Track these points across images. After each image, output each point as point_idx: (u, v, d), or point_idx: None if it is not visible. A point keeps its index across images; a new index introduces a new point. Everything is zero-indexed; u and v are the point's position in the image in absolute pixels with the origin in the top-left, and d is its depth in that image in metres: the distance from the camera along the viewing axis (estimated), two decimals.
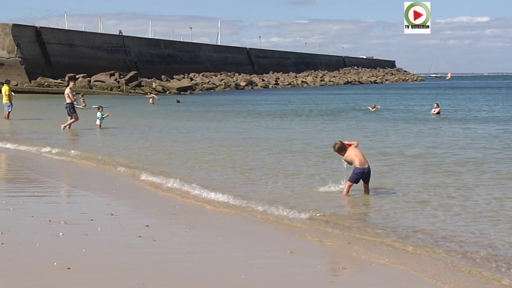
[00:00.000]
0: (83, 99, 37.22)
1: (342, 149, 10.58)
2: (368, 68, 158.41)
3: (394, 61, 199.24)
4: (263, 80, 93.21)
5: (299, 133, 22.39)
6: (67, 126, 22.06)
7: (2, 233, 7.24)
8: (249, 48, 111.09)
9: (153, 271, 6.08)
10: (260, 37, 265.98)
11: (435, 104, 34.33)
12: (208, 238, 7.65)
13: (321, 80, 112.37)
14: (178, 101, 45.99)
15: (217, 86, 78.72)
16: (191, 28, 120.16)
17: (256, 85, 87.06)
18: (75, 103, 22.39)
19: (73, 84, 23.63)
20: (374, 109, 36.86)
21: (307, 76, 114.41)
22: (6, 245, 6.74)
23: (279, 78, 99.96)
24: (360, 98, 57.81)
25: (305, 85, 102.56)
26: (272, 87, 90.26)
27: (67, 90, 22.38)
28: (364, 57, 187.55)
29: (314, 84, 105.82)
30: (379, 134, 21.73)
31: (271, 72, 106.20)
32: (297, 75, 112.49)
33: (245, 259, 6.70)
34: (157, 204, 9.97)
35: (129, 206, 9.63)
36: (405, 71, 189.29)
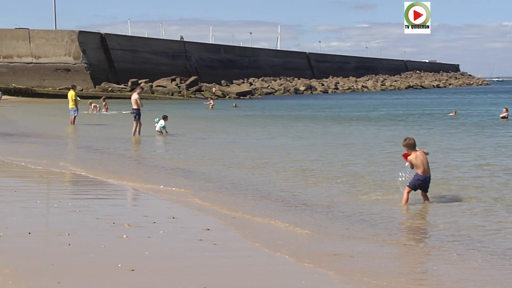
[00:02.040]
0: (105, 103, 37.53)
1: (412, 146, 10.29)
2: (430, 72, 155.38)
3: (458, 65, 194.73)
4: (323, 84, 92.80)
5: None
6: (138, 132, 22.33)
7: (68, 234, 7.44)
8: (309, 53, 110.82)
9: (214, 275, 6.13)
10: (320, 41, 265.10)
11: (504, 109, 33.57)
12: (269, 243, 7.64)
13: (382, 85, 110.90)
14: (234, 106, 46.36)
15: (276, 90, 78.86)
16: (251, 33, 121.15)
17: (316, 89, 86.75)
18: (141, 108, 22.65)
19: (141, 91, 24.02)
20: (454, 114, 36.57)
21: (368, 80, 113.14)
22: (73, 246, 6.93)
23: (339, 83, 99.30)
24: (436, 102, 56.16)
25: (365, 89, 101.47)
26: (332, 91, 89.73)
27: (135, 96, 22.70)
28: (427, 61, 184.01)
29: (374, 89, 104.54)
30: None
31: (330, 76, 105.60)
32: (357, 79, 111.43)
33: (307, 267, 6.65)
34: (214, 208, 10.02)
35: (190, 209, 9.73)
36: (469, 75, 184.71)
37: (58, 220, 8.55)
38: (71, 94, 27.34)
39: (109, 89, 58.69)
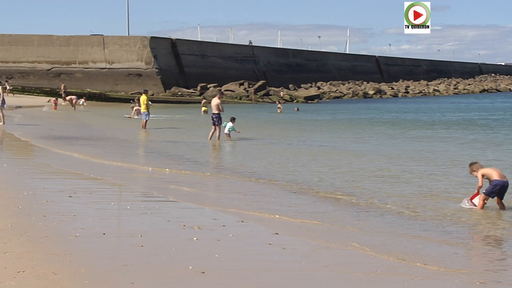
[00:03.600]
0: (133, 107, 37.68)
1: (478, 166, 10.13)
2: (506, 75, 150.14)
3: None
4: (392, 88, 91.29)
5: None
6: (216, 137, 22.58)
7: (141, 236, 7.61)
8: (378, 56, 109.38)
9: (283, 279, 6.13)
10: (390, 44, 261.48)
11: None
12: (340, 247, 7.57)
13: (455, 88, 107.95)
14: (296, 110, 46.29)
15: (345, 94, 78.22)
16: (319, 37, 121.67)
17: (385, 93, 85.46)
18: (222, 113, 22.88)
19: (221, 95, 24.31)
20: None
21: (439, 84, 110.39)
22: (145, 248, 7.08)
23: (409, 86, 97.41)
24: None
25: (437, 93, 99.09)
26: (402, 95, 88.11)
27: (217, 101, 22.96)
28: (503, 63, 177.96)
29: (447, 93, 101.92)
30: None
31: (400, 80, 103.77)
32: (429, 83, 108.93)
33: (377, 274, 6.55)
34: (284, 211, 10.00)
35: (259, 213, 9.76)
36: None
37: (130, 221, 8.76)
38: (143, 98, 27.95)
39: (179, 93, 59.75)
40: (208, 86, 61.88)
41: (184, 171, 14.40)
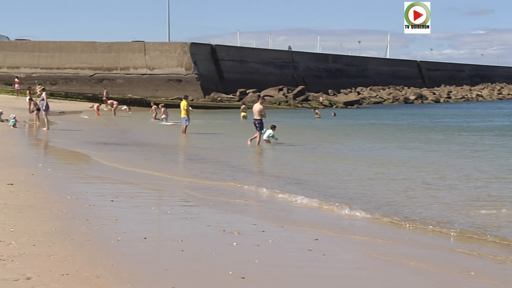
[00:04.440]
0: (164, 110, 37.68)
1: None
2: None
3: None
4: (434, 93, 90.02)
5: None
6: (257, 142, 22.66)
7: (181, 241, 7.67)
8: (420, 61, 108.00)
9: (323, 286, 6.09)
10: (431, 49, 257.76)
11: None
12: (380, 255, 7.49)
13: (499, 93, 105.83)
14: (333, 115, 46.04)
15: (385, 100, 77.47)
16: (359, 42, 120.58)
17: (427, 98, 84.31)
18: (264, 118, 22.95)
19: (263, 101, 24.38)
20: None
21: (483, 89, 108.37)
22: (186, 252, 7.14)
23: (451, 92, 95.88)
24: None
25: (480, 98, 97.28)
26: (444, 100, 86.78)
27: (260, 107, 23.04)
28: None
29: (490, 98, 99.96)
30: None
31: (442, 85, 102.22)
32: (472, 88, 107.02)
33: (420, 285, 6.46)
34: (324, 218, 9.97)
35: (298, 218, 9.75)
36: None
37: (171, 226, 8.84)
38: (183, 104, 28.20)
39: (218, 99, 60.10)
40: (247, 91, 62.05)
41: (226, 182, 14.46)
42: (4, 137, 21.91)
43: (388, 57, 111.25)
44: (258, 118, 22.67)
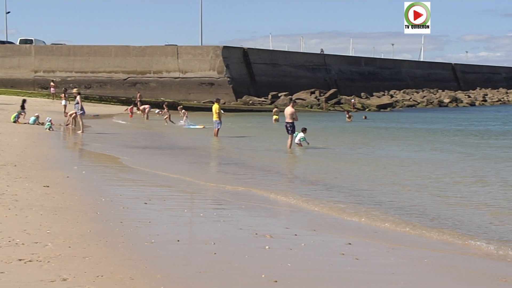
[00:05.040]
0: (184, 112, 37.50)
1: None
2: None
3: None
4: (469, 96, 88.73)
5: None
6: (288, 145, 22.67)
7: (214, 243, 7.69)
8: (455, 64, 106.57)
9: None
10: (467, 51, 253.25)
11: None
12: (414, 260, 7.41)
13: None
14: (364, 118, 45.69)
15: (419, 103, 76.63)
16: (393, 44, 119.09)
17: (461, 101, 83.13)
18: (296, 121, 22.96)
19: (294, 104, 24.40)
20: None
21: None
22: (219, 255, 7.15)
23: (487, 95, 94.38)
24: None
25: None
26: (479, 104, 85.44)
27: (291, 110, 23.17)
28: None
29: None
30: None
31: (478, 88, 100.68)
32: (508, 91, 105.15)
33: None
34: (357, 223, 9.89)
35: (331, 222, 9.69)
36: None
37: (203, 229, 8.87)
38: (215, 107, 28.31)
39: (250, 102, 60.20)
40: (279, 94, 62.01)
41: (258, 186, 14.46)
42: (40, 140, 22.29)
43: (422, 59, 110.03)
44: (290, 121, 22.75)
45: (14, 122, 28.93)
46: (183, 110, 38.48)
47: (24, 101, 32.07)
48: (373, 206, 11.12)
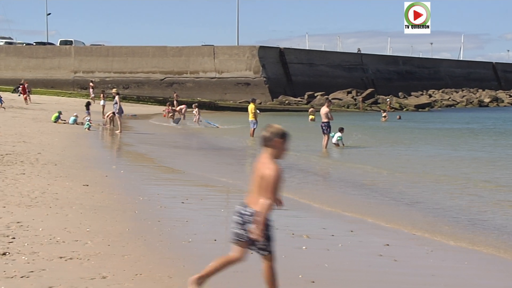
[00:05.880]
0: (197, 111, 37.19)
1: None
2: None
3: None
4: (510, 96, 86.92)
5: None
6: (324, 145, 22.58)
7: None
8: (495, 63, 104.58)
9: None
10: (508, 50, 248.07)
11: None
12: (455, 262, 7.28)
13: None
14: (398, 118, 45.19)
15: (458, 103, 75.43)
16: (431, 43, 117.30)
17: (502, 101, 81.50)
18: (331, 121, 22.88)
19: (329, 104, 24.34)
20: None
21: None
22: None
23: None
24: None
25: None
26: None
27: (326, 110, 23.09)
28: None
29: None
30: None
31: None
32: None
33: None
34: (394, 223, 9.78)
35: (368, 223, 9.60)
36: None
37: None
38: (251, 107, 28.36)
39: (286, 102, 60.13)
40: (316, 94, 61.80)
41: (293, 186, 14.43)
42: (79, 140, 22.65)
43: (461, 58, 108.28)
44: (326, 121, 22.65)
45: (55, 122, 29.46)
46: (196, 109, 38.23)
47: (88, 103, 32.44)
48: (410, 207, 10.98)
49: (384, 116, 44.02)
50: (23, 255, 6.59)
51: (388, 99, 63.47)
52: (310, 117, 42.07)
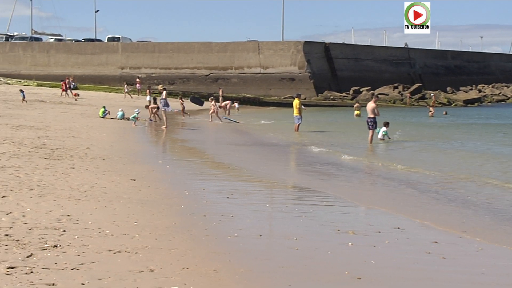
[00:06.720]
0: (213, 104, 36.75)
1: None
2: None
3: None
4: None
5: None
6: (369, 140, 22.45)
7: (296, 239, 7.68)
8: None
9: None
10: None
11: None
12: (507, 261, 7.11)
13: None
14: (445, 113, 44.35)
15: (509, 98, 73.59)
16: (481, 37, 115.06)
17: None
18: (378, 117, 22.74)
19: (376, 99, 24.19)
20: None
21: None
22: (301, 251, 7.13)
23: None
24: None
25: None
26: None
27: (373, 105, 23.01)
28: None
29: None
30: None
31: None
32: None
33: None
34: (444, 220, 9.61)
35: (415, 220, 9.46)
36: None
37: (285, 224, 8.87)
38: (295, 102, 28.26)
39: (331, 97, 59.75)
40: (361, 89, 61.20)
41: (340, 182, 14.33)
42: (126, 135, 23.01)
43: None
44: (372, 116, 22.57)
45: (102, 117, 30.01)
46: (213, 102, 37.62)
47: (155, 98, 32.73)
48: (460, 204, 10.76)
49: (431, 111, 43.32)
50: (73, 248, 6.73)
51: (432, 94, 62.40)
52: (356, 112, 41.69)
